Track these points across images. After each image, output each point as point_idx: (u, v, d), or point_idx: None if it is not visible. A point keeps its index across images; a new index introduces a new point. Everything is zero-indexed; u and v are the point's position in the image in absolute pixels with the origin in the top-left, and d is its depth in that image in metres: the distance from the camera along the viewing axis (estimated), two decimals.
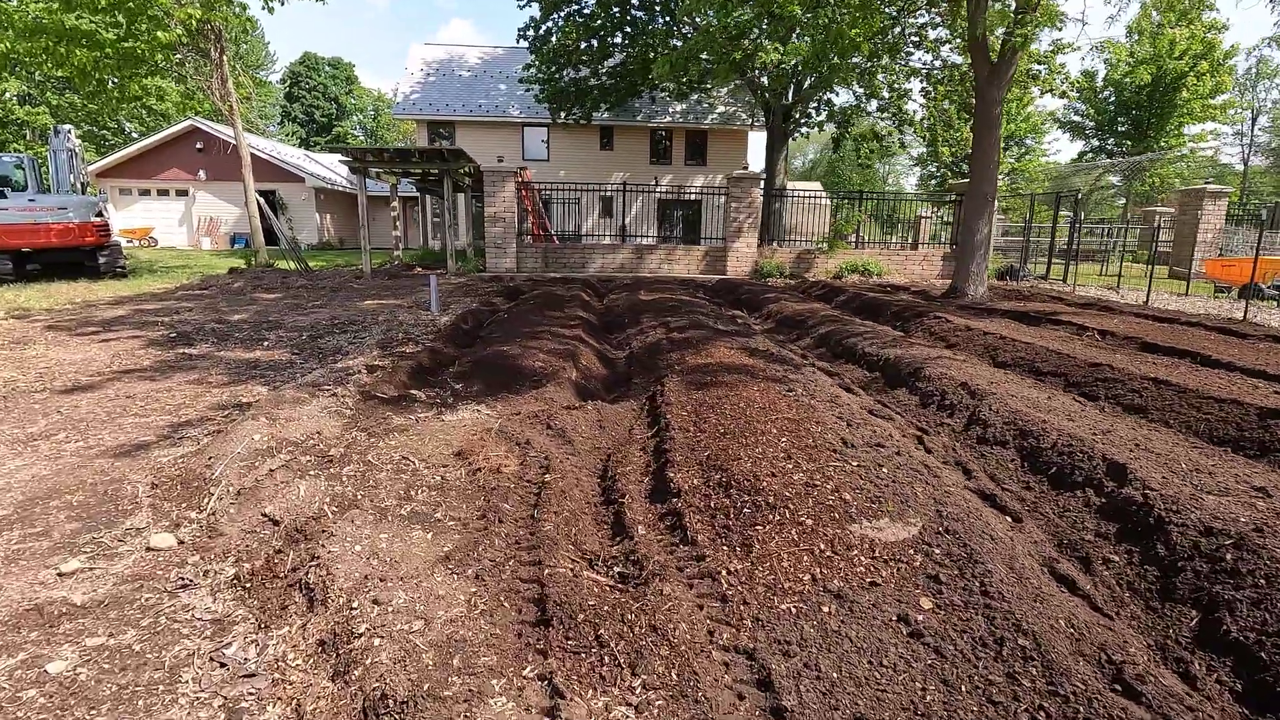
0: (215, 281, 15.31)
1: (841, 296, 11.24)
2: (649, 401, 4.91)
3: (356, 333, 9.14)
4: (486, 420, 4.59)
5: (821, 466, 3.10)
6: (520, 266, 17.01)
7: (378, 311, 11.07)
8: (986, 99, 10.34)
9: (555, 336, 6.67)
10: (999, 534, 2.72)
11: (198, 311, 11.10)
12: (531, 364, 5.59)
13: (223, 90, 15.74)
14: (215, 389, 6.34)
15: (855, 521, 2.69)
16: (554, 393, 5.14)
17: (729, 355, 5.70)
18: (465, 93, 30.14)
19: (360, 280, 15.78)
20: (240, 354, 7.95)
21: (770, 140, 24.09)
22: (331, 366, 6.25)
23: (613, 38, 22.85)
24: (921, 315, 8.70)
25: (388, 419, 4.66)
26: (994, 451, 3.86)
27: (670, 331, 6.94)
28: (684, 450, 3.59)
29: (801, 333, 7.92)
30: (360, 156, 15.76)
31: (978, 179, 10.73)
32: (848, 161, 79.08)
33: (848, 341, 6.74)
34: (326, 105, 63.75)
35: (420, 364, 6.49)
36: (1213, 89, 25.90)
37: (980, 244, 10.84)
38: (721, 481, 3.06)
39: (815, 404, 4.22)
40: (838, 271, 17.36)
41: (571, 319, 7.95)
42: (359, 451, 4.00)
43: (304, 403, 4.88)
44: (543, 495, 3.34)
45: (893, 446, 3.44)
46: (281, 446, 4.08)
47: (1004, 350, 6.69)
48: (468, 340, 8.09)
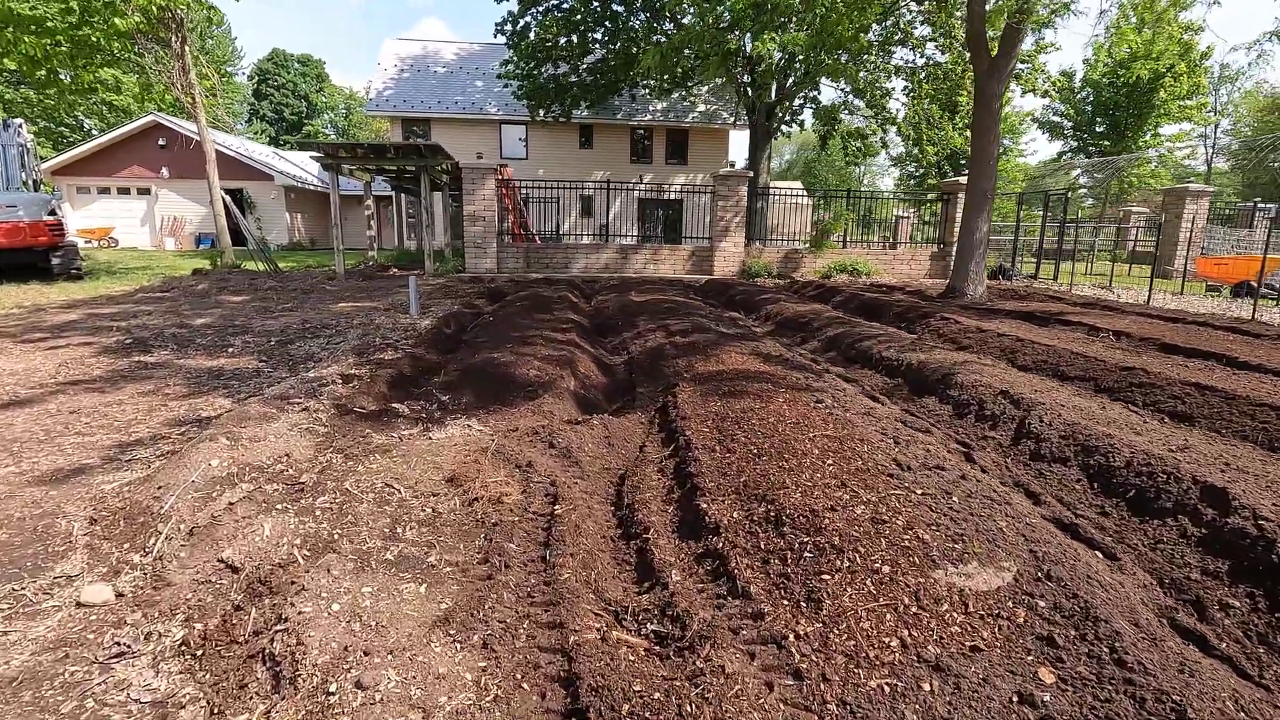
0: (178, 283, 14.51)
1: (838, 297, 10.88)
2: (659, 414, 4.44)
3: (330, 338, 8.54)
4: (480, 438, 4.09)
5: (883, 496, 2.66)
6: (501, 267, 16.44)
7: (353, 315, 10.45)
8: (986, 94, 10.06)
9: (548, 341, 6.17)
10: (1104, 578, 2.30)
11: (157, 315, 10.39)
12: (525, 372, 5.09)
13: (184, 82, 14.92)
14: (172, 402, 5.74)
15: (939, 566, 2.25)
16: (552, 405, 4.65)
17: (741, 361, 5.26)
18: (441, 89, 29.41)
19: (333, 282, 15.09)
20: (202, 361, 7.32)
21: (753, 138, 23.78)
22: (303, 376, 5.68)
23: (593, 33, 22.36)
24: (926, 316, 8.36)
25: (367, 437, 4.13)
26: (1054, 470, 3.47)
27: (671, 335, 6.48)
28: (713, 474, 3.13)
29: (807, 335, 7.51)
30: (332, 152, 15.06)
31: (976, 176, 10.45)
32: (825, 162, 79.59)
33: (861, 345, 6.34)
34: (296, 103, 62.27)
35: (401, 372, 5.94)
36: (1189, 89, 26.24)
37: (979, 243, 10.56)
38: (769, 515, 2.60)
39: (850, 417, 3.79)
40: (826, 271, 17.07)
41: (562, 322, 7.45)
42: (335, 478, 3.47)
43: (271, 419, 4.33)
44: (553, 531, 2.85)
45: (954, 469, 3.02)
46: (244, 473, 3.53)
47: (1023, 353, 6.35)
48: (451, 345, 7.55)
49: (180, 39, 14.70)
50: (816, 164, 78.94)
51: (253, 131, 58.94)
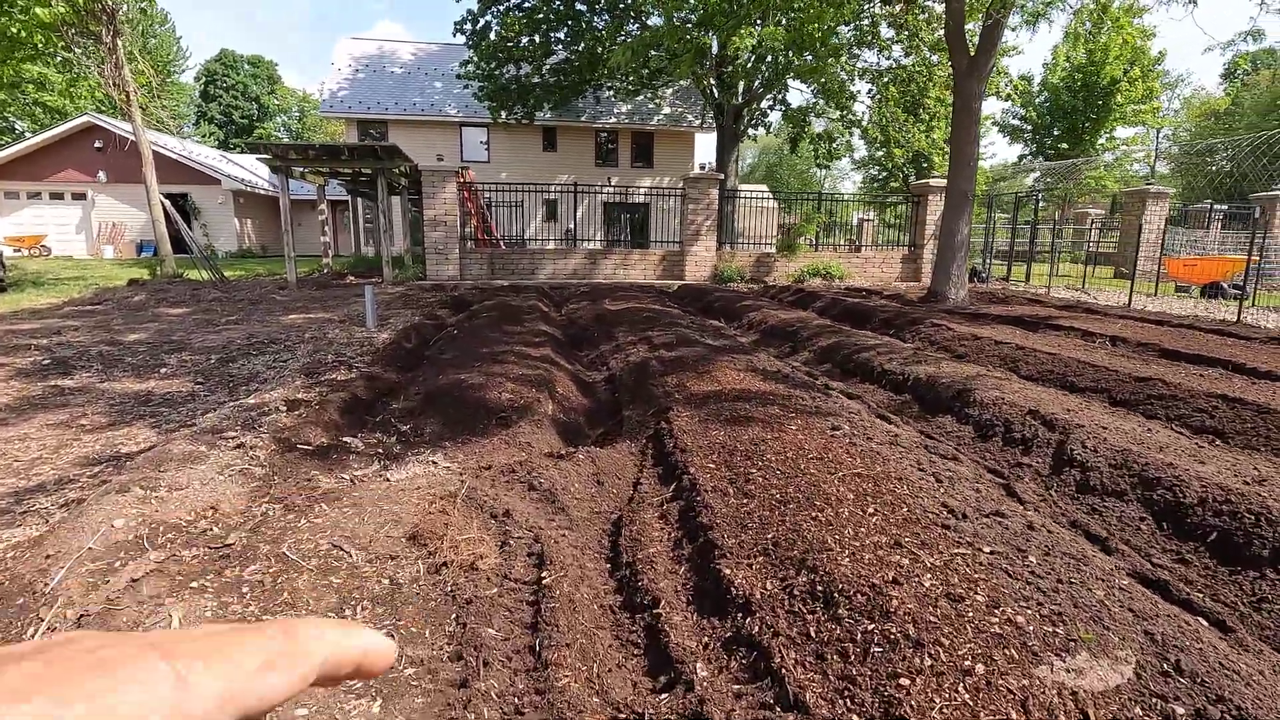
0: (111, 295, 13.45)
1: (819, 303, 10.52)
2: (653, 443, 3.92)
3: (277, 354, 7.81)
4: (447, 478, 3.51)
5: (948, 560, 2.18)
6: (464, 274, 15.72)
7: (304, 327, 9.69)
8: (965, 93, 9.82)
9: (520, 358, 5.60)
10: (1235, 663, 1.85)
11: (85, 331, 9.46)
12: (497, 395, 4.52)
13: (117, 78, 13.85)
14: (87, 435, 5.00)
15: (1042, 660, 1.77)
16: (530, 434, 4.09)
17: (737, 378, 4.77)
18: (398, 90, 28.47)
19: (284, 291, 14.18)
20: (129, 385, 6.54)
21: (721, 141, 23.48)
22: (241, 403, 5.00)
23: (556, 33, 21.79)
24: (916, 323, 8.02)
25: (313, 481, 3.52)
26: (1110, 507, 3.05)
27: (655, 349, 5.96)
28: (731, 526, 2.62)
29: (797, 345, 7.08)
30: (282, 154, 14.17)
31: (955, 177, 10.21)
32: (787, 165, 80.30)
33: (859, 357, 5.92)
34: (246, 105, 60.13)
35: (355, 396, 5.30)
36: (1143, 93, 26.88)
37: (960, 245, 10.32)
38: (815, 589, 2.10)
39: (875, 447, 3.32)
40: (799, 275, 16.78)
41: (535, 335, 6.88)
42: (270, 538, 2.86)
43: (197, 460, 3.68)
44: (542, 608, 2.30)
45: (1016, 515, 2.56)
46: (157, 534, 2.90)
47: (1025, 362, 6.01)
48: (412, 362, 6.91)
49: (112, 32, 13.65)
50: (779, 167, 79.57)
51: (201, 134, 56.68)
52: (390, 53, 31.06)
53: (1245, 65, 44.88)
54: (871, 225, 23.88)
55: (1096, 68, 26.30)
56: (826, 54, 11.80)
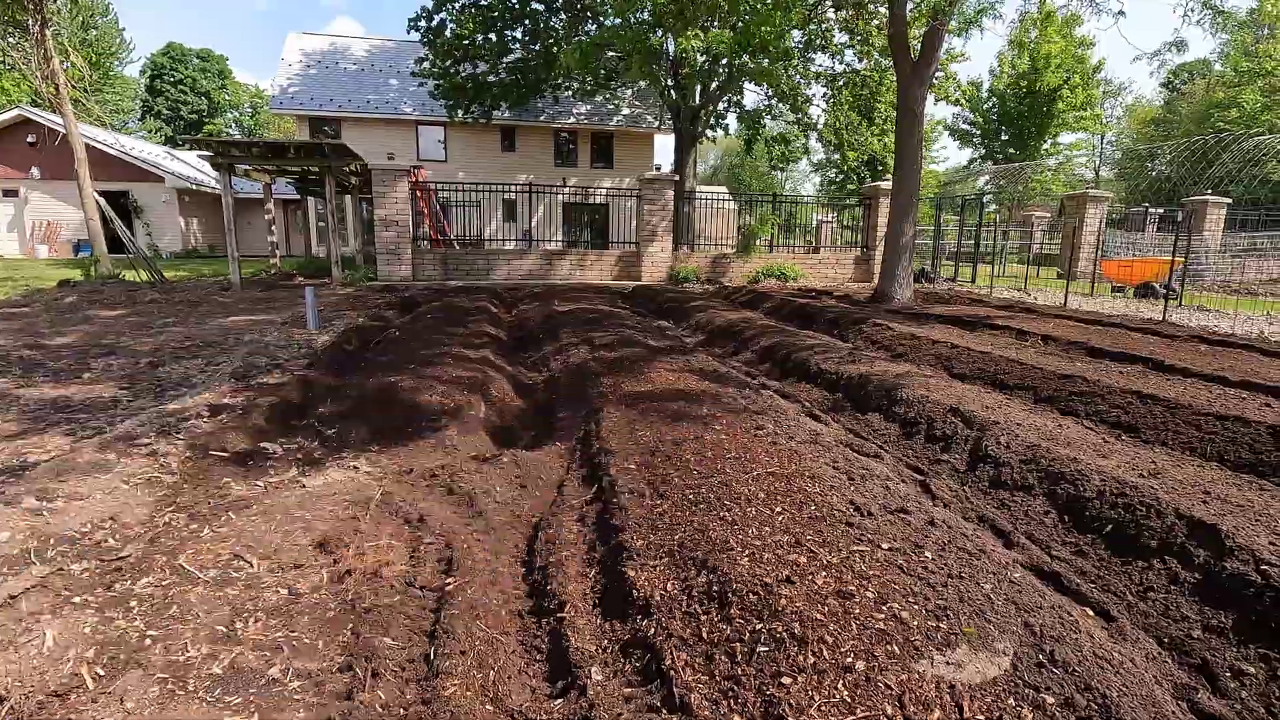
0: (40, 297, 12.86)
1: (768, 303, 10.62)
2: (581, 445, 3.90)
3: (212, 358, 7.55)
4: (365, 484, 3.43)
5: (846, 557, 2.21)
6: (417, 275, 15.47)
7: (243, 330, 9.40)
8: (908, 98, 10.04)
9: (458, 360, 5.52)
10: (1110, 652, 1.91)
11: (7, 335, 9.02)
12: (429, 399, 4.44)
13: (45, 69, 13.24)
14: None
15: (923, 655, 1.80)
16: (458, 437, 4.02)
17: (671, 378, 4.77)
18: (352, 87, 27.89)
19: (228, 293, 13.75)
20: (48, 390, 6.25)
21: (678, 142, 23.57)
22: (161, 409, 4.82)
23: (512, 31, 21.61)
24: (859, 323, 8.15)
25: (225, 489, 3.40)
26: (1018, 500, 3.13)
27: (596, 349, 5.94)
28: (643, 529, 2.61)
29: (740, 345, 7.13)
30: (223, 151, 13.74)
31: (901, 180, 10.42)
32: (748, 167, 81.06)
33: (796, 356, 5.99)
34: (195, 100, 58.22)
35: (285, 400, 5.15)
36: (1084, 101, 27.91)
37: (905, 247, 10.54)
38: (712, 590, 2.10)
39: (796, 446, 3.35)
40: (754, 276, 16.93)
41: (477, 336, 6.79)
42: (169, 549, 2.75)
43: (102, 469, 3.52)
44: (443, 616, 2.26)
45: (919, 511, 2.60)
46: (46, 548, 2.76)
47: (959, 361, 6.15)
48: (350, 365, 6.75)
49: (39, 22, 13.05)
50: (740, 169, 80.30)
51: (146, 130, 54.68)
52: (344, 49, 30.41)
53: (1184, 75, 46.94)
54: (830, 227, 24.27)
55: (1038, 75, 27.21)
56: (778, 57, 11.93)
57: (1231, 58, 32.07)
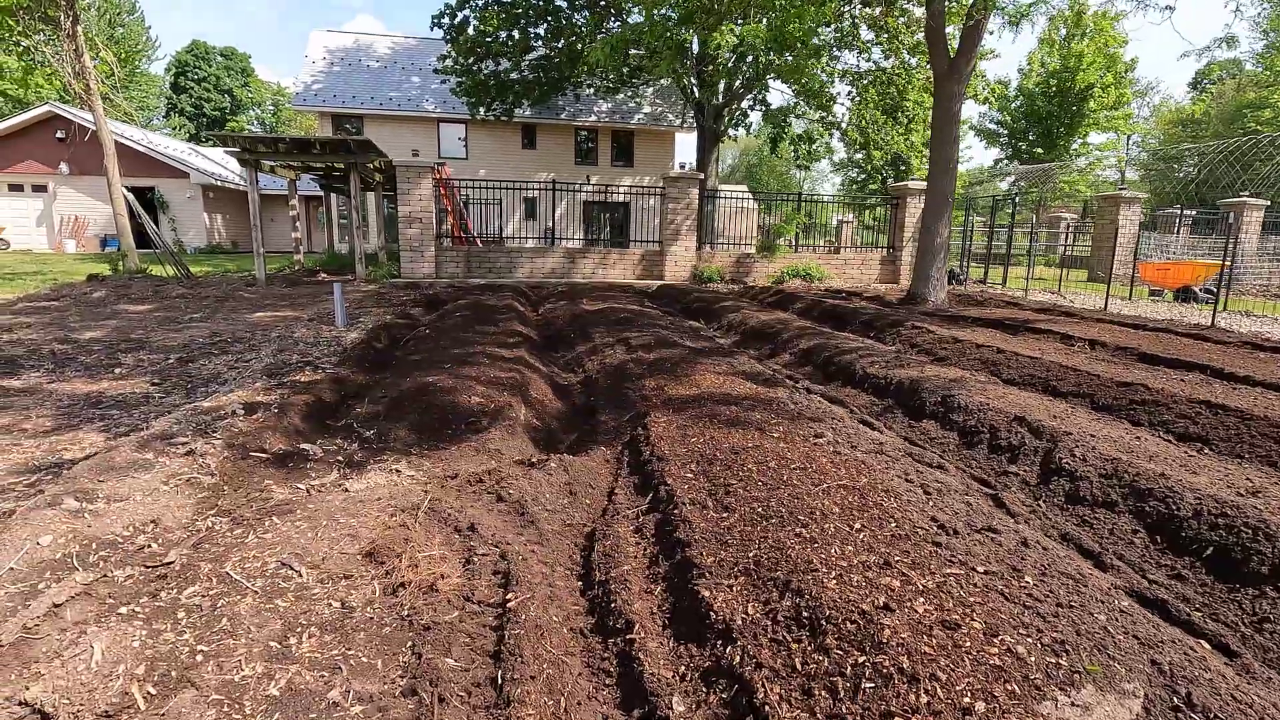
0: (70, 291, 12.95)
1: (798, 304, 10.43)
2: (629, 450, 3.76)
3: (241, 354, 7.51)
4: (410, 489, 3.31)
5: (941, 581, 2.04)
6: (440, 272, 15.42)
7: (271, 326, 9.37)
8: (945, 95, 9.80)
9: (493, 360, 5.40)
10: (1249, 695, 1.73)
11: (38, 329, 9.06)
12: (468, 400, 4.32)
13: (77, 66, 13.33)
14: (29, 440, 4.70)
15: (1046, 695, 1.64)
16: (501, 440, 3.90)
17: (716, 381, 4.62)
18: (374, 84, 27.97)
19: (252, 288, 13.78)
20: (81, 386, 6.22)
21: (701, 140, 23.38)
22: (197, 406, 4.74)
23: (535, 28, 21.51)
24: (896, 325, 7.94)
25: (266, 492, 3.30)
26: (1100, 518, 2.95)
27: (633, 350, 5.80)
28: (710, 543, 2.46)
29: (777, 347, 6.96)
30: (250, 147, 13.76)
31: (936, 179, 10.18)
32: (766, 166, 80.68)
33: (840, 360, 5.81)
34: (219, 98, 58.87)
35: (319, 399, 5.07)
36: (1115, 100, 27.34)
37: (940, 247, 10.30)
38: (800, 614, 1.95)
39: (861, 457, 3.19)
40: (779, 276, 16.72)
41: (509, 336, 6.67)
42: (214, 556, 2.64)
43: (143, 468, 3.44)
44: (506, 635, 2.13)
45: (1009, 530, 2.44)
46: (87, 553, 2.67)
47: (1007, 366, 5.94)
48: (381, 363, 6.66)
49: (71, 18, 13.13)
50: (758, 168, 79.92)
51: (171, 126, 55.40)
52: (366, 46, 30.52)
53: (1214, 74, 45.96)
54: (850, 227, 23.96)
55: (1070, 74, 26.67)
56: (807, 54, 11.72)
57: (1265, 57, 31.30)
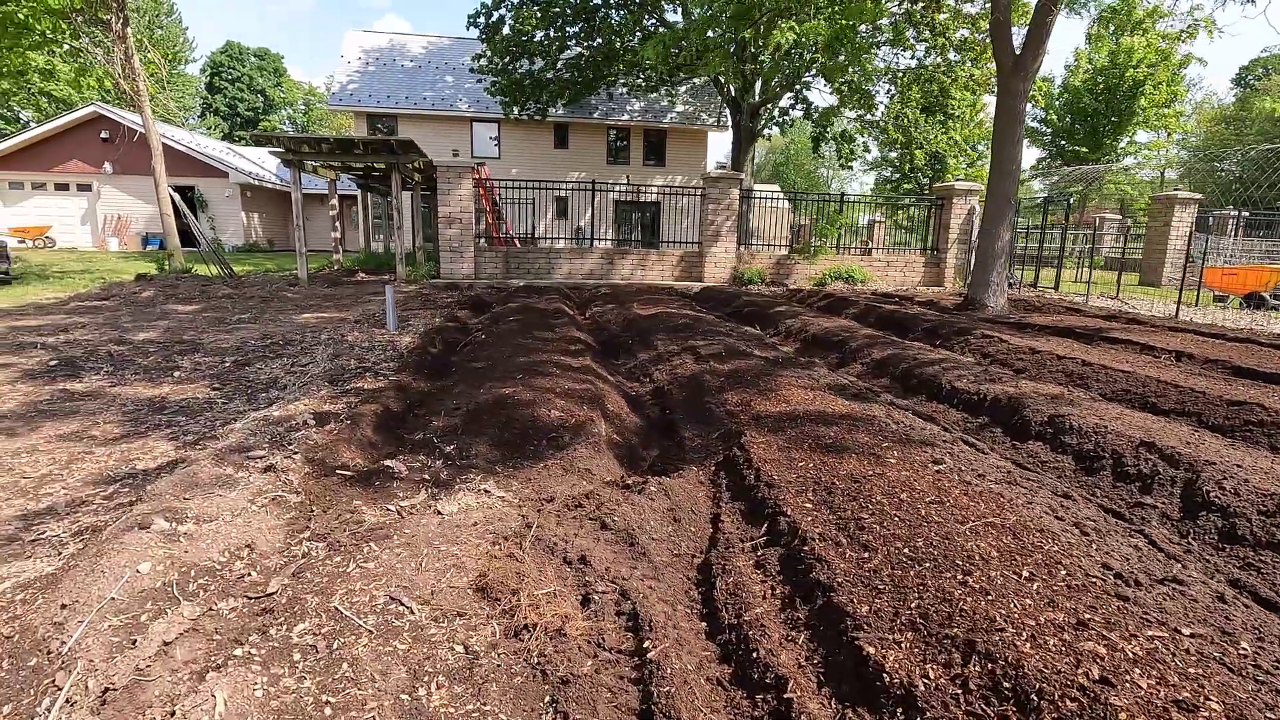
0: (119, 290, 13.10)
1: (851, 309, 10.14)
2: (726, 473, 3.56)
3: (295, 357, 7.46)
4: (505, 512, 3.15)
5: (1150, 647, 1.82)
6: (479, 273, 15.36)
7: (320, 328, 9.34)
8: (1009, 92, 9.44)
9: (563, 370, 5.24)
10: None
11: (93, 329, 9.13)
12: (547, 413, 4.16)
13: (126, 67, 13.49)
14: (100, 448, 4.65)
15: None
16: (588, 458, 3.73)
17: (805, 397, 4.40)
18: (408, 84, 28.08)
19: (295, 288, 13.84)
20: (142, 389, 6.20)
21: (737, 139, 23.12)
22: (267, 415, 4.64)
23: (571, 27, 21.40)
24: (964, 333, 7.64)
25: (357, 513, 3.16)
26: (1266, 561, 2.69)
27: (703, 360, 5.60)
28: (858, 587, 2.26)
29: (845, 357, 6.71)
30: (295, 147, 13.80)
31: (998, 180, 9.82)
32: (794, 166, 79.91)
33: (921, 372, 5.55)
34: (252, 98, 59.79)
35: (388, 409, 4.95)
36: (1167, 97, 26.45)
37: (1000, 251, 9.94)
38: (996, 683, 1.73)
39: (994, 487, 2.96)
40: (820, 279, 16.41)
41: (570, 342, 6.51)
42: (318, 587, 2.50)
43: (226, 484, 3.32)
44: (656, 695, 1.94)
45: (1199, 584, 2.20)
46: (188, 581, 2.54)
47: (1096, 380, 5.63)
48: (441, 369, 6.55)
49: (121, 20, 13.29)
50: (785, 167, 79.21)
51: (206, 126, 56.38)
52: (400, 45, 30.66)
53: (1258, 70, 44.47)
54: (882, 227, 23.48)
55: (1120, 70, 25.86)
56: (858, 52, 11.42)
57: None
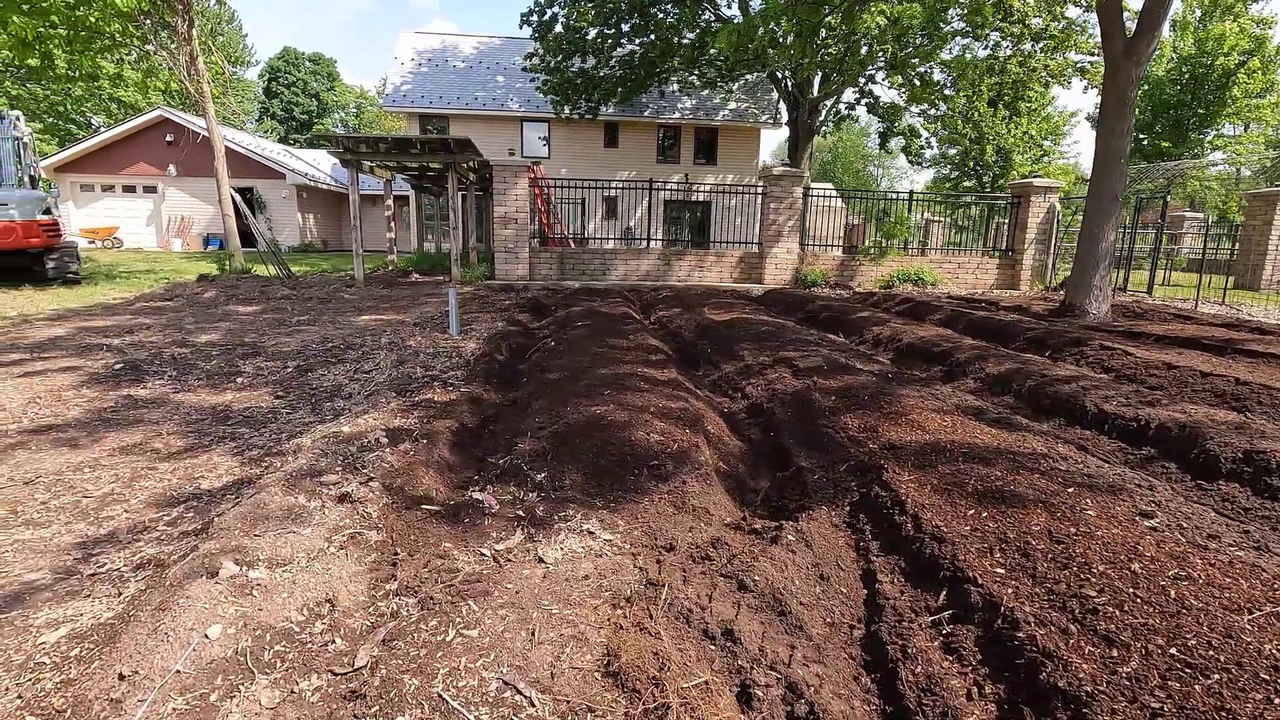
0: (182, 290, 13.19)
1: (935, 315, 9.42)
2: (867, 515, 3.02)
3: (357, 363, 7.18)
4: (619, 563, 2.68)
5: None
6: (533, 274, 15.05)
7: (379, 330, 9.10)
8: (1120, 79, 8.60)
9: (649, 383, 4.76)
10: None
11: (157, 330, 9.07)
12: (645, 436, 3.68)
13: (191, 69, 13.59)
14: (164, 463, 4.36)
15: None
16: (700, 494, 3.23)
17: (942, 424, 3.82)
18: (460, 84, 28.12)
19: (352, 289, 13.74)
20: (205, 396, 5.96)
21: (794, 136, 22.41)
22: (336, 430, 4.28)
23: (625, 23, 21.01)
24: (1077, 344, 6.90)
25: (447, 559, 2.73)
26: None
27: (804, 375, 5.05)
28: (1118, 700, 1.70)
29: (949, 370, 6.06)
30: (353, 147, 13.70)
31: (1104, 175, 8.97)
32: (842, 163, 78.28)
33: (1052, 391, 4.89)
34: (307, 102, 61.29)
35: (463, 425, 4.55)
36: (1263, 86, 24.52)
37: (1105, 253, 9.08)
38: None
39: (1241, 554, 2.36)
40: (887, 281, 15.62)
41: (647, 351, 6.03)
42: (415, 662, 2.07)
43: (298, 519, 2.93)
44: None
45: None
46: (263, 648, 2.14)
47: (1254, 401, 4.89)
48: (512, 378, 6.15)
49: (187, 22, 13.39)
50: (832, 165, 77.63)
51: (263, 130, 57.98)
52: (452, 46, 30.77)
53: None
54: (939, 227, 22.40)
55: (1209, 58, 24.12)
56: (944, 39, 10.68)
57: None
